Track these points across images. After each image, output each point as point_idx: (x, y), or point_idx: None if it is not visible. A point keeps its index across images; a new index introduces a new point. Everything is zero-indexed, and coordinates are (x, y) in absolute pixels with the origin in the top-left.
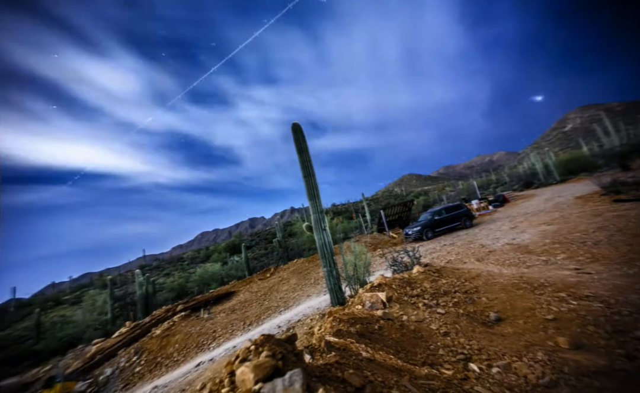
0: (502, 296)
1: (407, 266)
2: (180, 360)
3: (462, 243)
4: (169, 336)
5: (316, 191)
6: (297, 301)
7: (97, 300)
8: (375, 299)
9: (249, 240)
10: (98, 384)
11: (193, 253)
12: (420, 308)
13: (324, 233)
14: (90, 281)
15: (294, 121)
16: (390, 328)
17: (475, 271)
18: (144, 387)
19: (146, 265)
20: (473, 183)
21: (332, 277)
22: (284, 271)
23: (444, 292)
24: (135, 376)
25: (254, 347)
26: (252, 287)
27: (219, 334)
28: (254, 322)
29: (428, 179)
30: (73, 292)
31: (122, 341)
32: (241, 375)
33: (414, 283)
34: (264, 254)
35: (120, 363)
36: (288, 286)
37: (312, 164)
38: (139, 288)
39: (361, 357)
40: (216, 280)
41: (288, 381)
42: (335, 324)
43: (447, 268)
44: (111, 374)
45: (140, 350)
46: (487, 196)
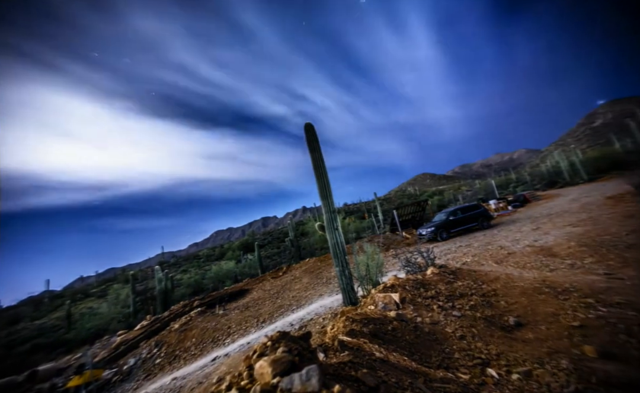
0: (523, 300)
1: (420, 267)
2: (197, 353)
3: (479, 244)
4: (187, 330)
5: (328, 190)
6: (310, 300)
7: (120, 294)
8: (388, 300)
9: (262, 239)
10: (122, 373)
11: (208, 250)
12: (435, 310)
13: (336, 232)
14: (114, 276)
15: (306, 122)
16: (404, 330)
17: (494, 273)
18: (164, 377)
19: (164, 261)
20: (491, 182)
21: (345, 277)
22: (296, 270)
23: (460, 295)
24: (156, 367)
25: (270, 343)
26: (265, 285)
27: (233, 330)
28: (267, 320)
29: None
30: (99, 286)
31: (143, 334)
32: (260, 369)
33: (429, 285)
34: (277, 253)
35: (142, 355)
36: (300, 285)
37: (325, 163)
38: (158, 283)
39: (374, 357)
40: (230, 278)
41: (305, 376)
42: (348, 324)
43: (463, 270)
44: (134, 364)
45: (160, 342)
46: (507, 196)
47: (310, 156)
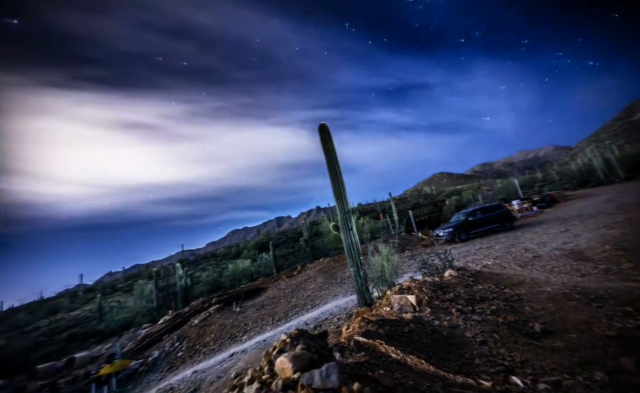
0: (550, 306)
1: (438, 269)
2: (215, 349)
3: (501, 246)
4: (206, 326)
5: (342, 191)
6: (324, 300)
7: (144, 290)
8: (404, 302)
9: (277, 239)
10: (148, 364)
11: (225, 249)
12: (454, 313)
13: (350, 232)
14: (139, 272)
15: (321, 122)
16: (421, 333)
17: (517, 277)
18: (186, 370)
19: (184, 259)
20: (514, 182)
21: (359, 277)
22: (311, 269)
23: (480, 298)
24: (178, 360)
25: (289, 340)
26: (279, 284)
27: (249, 327)
28: (282, 318)
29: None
30: (126, 281)
31: (166, 328)
32: (280, 364)
33: (447, 287)
34: (291, 252)
35: (165, 347)
36: (315, 285)
37: (339, 164)
38: (179, 280)
39: (391, 359)
40: (246, 276)
41: (325, 373)
42: (364, 324)
43: (483, 272)
44: (158, 356)
45: (182, 337)
46: (532, 196)
47: (325, 157)
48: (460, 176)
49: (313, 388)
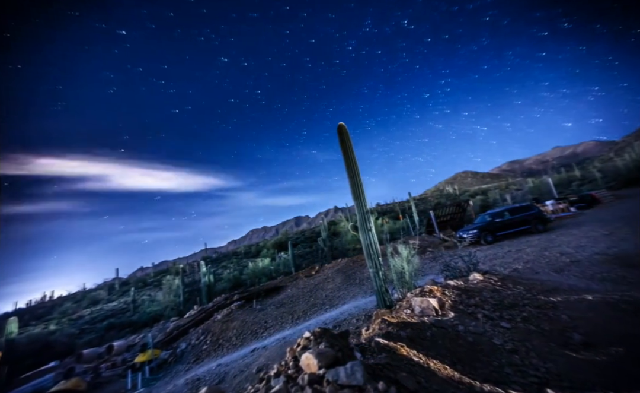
0: (591, 316)
1: (462, 272)
2: (238, 344)
3: (533, 250)
4: (228, 322)
5: (361, 191)
6: (343, 300)
7: (172, 285)
8: (425, 304)
9: (295, 238)
10: (176, 355)
11: (245, 248)
12: (480, 319)
13: (369, 233)
14: (167, 268)
15: (339, 122)
16: (444, 337)
17: (552, 283)
18: (210, 363)
19: (207, 257)
20: (547, 180)
21: (379, 278)
22: (329, 269)
23: (509, 304)
24: (203, 353)
25: (313, 338)
26: (298, 283)
27: (270, 325)
28: (301, 317)
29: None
30: (155, 276)
31: (192, 322)
32: (306, 360)
33: (471, 292)
34: (309, 252)
35: (191, 340)
36: (333, 285)
37: (358, 165)
38: (203, 277)
39: (413, 362)
40: (266, 275)
41: (350, 370)
42: (384, 326)
43: (512, 277)
44: (185, 348)
45: (206, 331)
46: (568, 196)
47: (343, 157)
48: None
49: (338, 384)
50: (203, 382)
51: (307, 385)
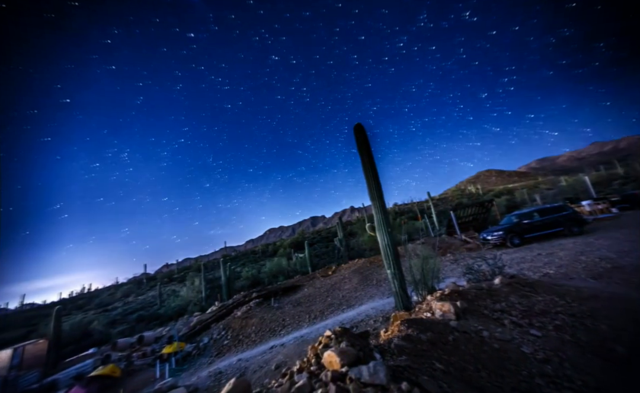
0: (635, 328)
1: (486, 275)
2: (257, 340)
3: (567, 253)
4: (248, 318)
5: (379, 192)
6: (360, 301)
7: (195, 281)
8: (446, 308)
9: (311, 238)
10: (199, 348)
11: (263, 247)
12: (507, 325)
13: (387, 234)
14: (190, 265)
15: (357, 122)
16: (468, 342)
17: (589, 290)
18: (231, 357)
19: (227, 255)
20: (584, 179)
21: (397, 280)
22: (345, 270)
23: (540, 311)
24: (224, 347)
25: (334, 336)
26: (315, 283)
27: (287, 323)
28: (318, 316)
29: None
30: (179, 272)
31: (213, 317)
32: (328, 357)
33: (497, 296)
34: (325, 252)
35: (213, 335)
36: (350, 286)
37: (375, 165)
38: (223, 274)
39: (434, 367)
40: (283, 274)
41: (372, 369)
42: (404, 329)
43: (543, 282)
44: (207, 342)
45: (227, 327)
46: (609, 196)
47: (360, 157)
48: (512, 173)
49: (361, 382)
50: (225, 375)
51: (331, 382)
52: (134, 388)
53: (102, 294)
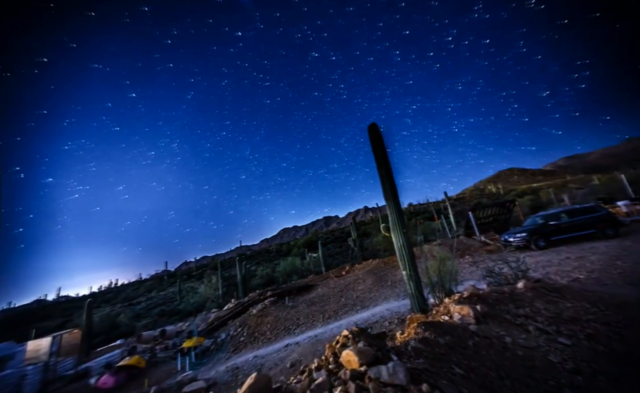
0: None
1: (507, 279)
2: (272, 338)
3: (600, 258)
4: (263, 316)
5: (393, 192)
6: (374, 302)
7: (212, 279)
8: (465, 312)
9: (325, 238)
10: (217, 344)
11: (277, 246)
12: (532, 332)
13: (402, 234)
14: (207, 263)
15: (371, 122)
16: (489, 348)
17: (625, 297)
18: (247, 354)
19: (242, 254)
20: (620, 177)
21: (413, 281)
22: (359, 270)
23: (569, 318)
24: (241, 344)
25: (351, 336)
26: (328, 283)
27: (301, 322)
28: (332, 316)
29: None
30: (197, 270)
31: (230, 314)
32: (346, 356)
33: (520, 301)
34: (339, 252)
35: (230, 331)
36: (364, 286)
37: (390, 164)
38: (239, 272)
39: (454, 371)
40: (296, 273)
41: (392, 369)
42: (420, 331)
43: (572, 287)
44: (224, 338)
45: (243, 324)
46: None
47: (374, 157)
48: (537, 172)
49: (381, 381)
50: (241, 371)
51: (350, 380)
52: (158, 379)
53: (127, 289)
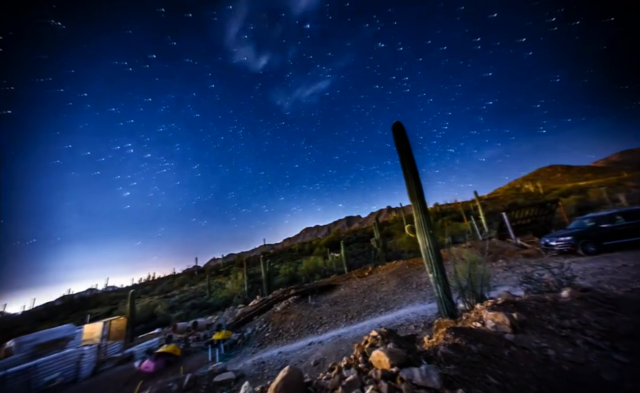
0: None
1: (549, 286)
2: (295, 335)
3: None
4: (287, 314)
5: (419, 191)
6: (398, 304)
7: (238, 275)
8: (500, 319)
9: (346, 238)
10: (243, 338)
11: (299, 245)
12: (580, 346)
13: (429, 236)
14: (233, 260)
15: (395, 121)
16: (528, 359)
17: None
18: (272, 349)
19: (266, 252)
20: None
21: (440, 285)
22: (383, 271)
23: (626, 333)
24: (266, 340)
25: (380, 337)
26: (351, 283)
27: (324, 321)
28: (355, 317)
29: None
30: (225, 267)
31: (255, 310)
32: (377, 357)
33: (565, 311)
34: (361, 252)
35: (255, 327)
36: (387, 288)
37: (415, 163)
38: (263, 270)
39: (488, 381)
40: (319, 272)
41: (425, 372)
42: (450, 337)
43: (630, 299)
44: (250, 333)
45: (268, 320)
46: None
47: (399, 156)
48: (585, 168)
49: (413, 383)
50: (267, 366)
51: (382, 379)
52: (191, 367)
53: (163, 282)
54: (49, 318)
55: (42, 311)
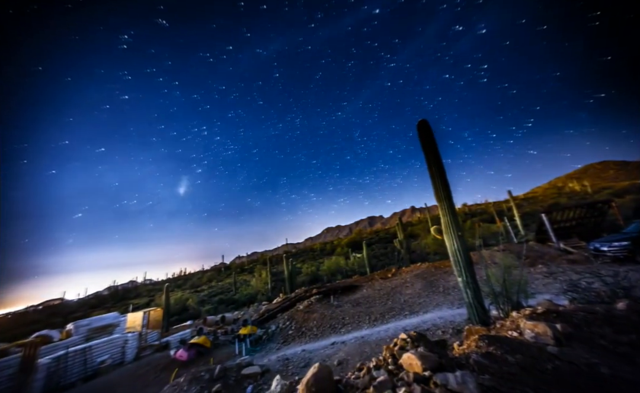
0: None
1: (600, 296)
2: (318, 334)
3: None
4: (309, 313)
5: (446, 192)
6: (424, 308)
7: (262, 273)
8: (541, 330)
9: (369, 238)
10: (268, 334)
11: (321, 245)
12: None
13: (457, 238)
14: (257, 258)
15: (420, 119)
16: (576, 376)
17: None
18: (296, 347)
19: (288, 251)
20: None
21: (470, 289)
22: (407, 273)
23: None
24: (289, 337)
25: (410, 340)
26: (374, 285)
27: (347, 322)
28: (378, 319)
29: None
30: (249, 264)
31: (279, 308)
32: (408, 360)
33: (620, 325)
34: (384, 253)
35: (279, 324)
36: (412, 291)
37: (442, 162)
38: (286, 269)
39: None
40: (340, 273)
41: (460, 378)
42: (483, 345)
43: None
44: (275, 329)
45: (291, 318)
46: None
47: (425, 156)
48: None
49: (448, 389)
50: (291, 362)
51: (414, 382)
52: (220, 359)
53: (193, 278)
54: (98, 305)
55: (92, 299)
